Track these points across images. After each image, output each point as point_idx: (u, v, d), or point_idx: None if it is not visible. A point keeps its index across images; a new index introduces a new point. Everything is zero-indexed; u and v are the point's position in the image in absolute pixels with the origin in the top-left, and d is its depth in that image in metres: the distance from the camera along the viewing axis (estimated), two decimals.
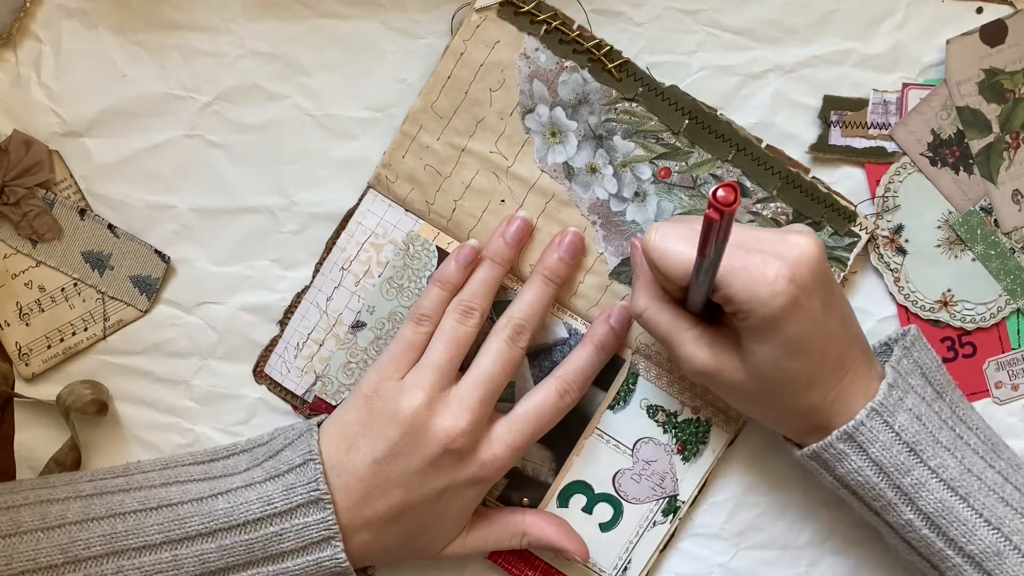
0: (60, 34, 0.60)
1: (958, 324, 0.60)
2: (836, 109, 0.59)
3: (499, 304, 0.59)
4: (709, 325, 0.54)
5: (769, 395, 0.53)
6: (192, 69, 0.60)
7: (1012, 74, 0.58)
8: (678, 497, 0.60)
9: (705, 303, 0.53)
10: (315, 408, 0.61)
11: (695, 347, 0.53)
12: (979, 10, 0.59)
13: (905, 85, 0.59)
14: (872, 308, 0.60)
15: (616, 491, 0.60)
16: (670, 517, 0.60)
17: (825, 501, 0.61)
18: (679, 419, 0.60)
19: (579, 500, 0.61)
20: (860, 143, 0.59)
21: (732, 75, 0.59)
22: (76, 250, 0.61)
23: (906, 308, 0.60)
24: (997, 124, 0.59)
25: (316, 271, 0.61)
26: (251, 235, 0.61)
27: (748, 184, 0.58)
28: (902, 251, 0.60)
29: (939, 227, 0.60)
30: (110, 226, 0.60)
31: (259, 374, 0.61)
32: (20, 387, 0.61)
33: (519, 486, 0.60)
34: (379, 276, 0.60)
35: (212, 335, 0.61)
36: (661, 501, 0.60)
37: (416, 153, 0.59)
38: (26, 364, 0.61)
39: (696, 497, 0.61)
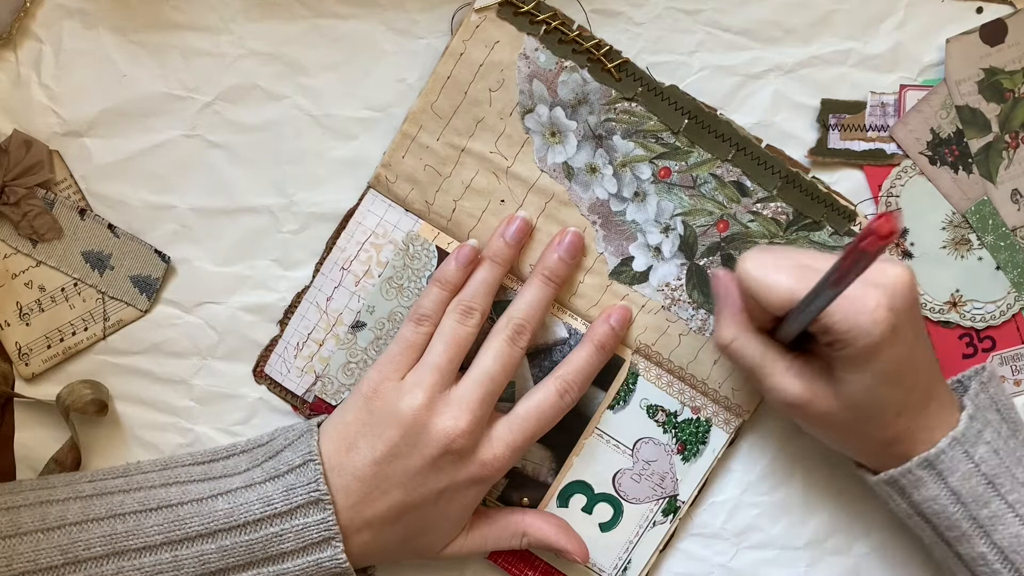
0: (60, 34, 0.60)
1: (968, 324, 0.60)
2: (834, 112, 0.59)
3: (499, 304, 0.59)
4: (797, 355, 0.54)
5: (857, 424, 0.53)
6: (192, 69, 0.60)
7: (1012, 73, 0.58)
8: (678, 497, 0.60)
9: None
10: (315, 408, 0.61)
11: (785, 378, 0.53)
12: (979, 10, 0.59)
13: (903, 87, 0.59)
14: None
15: (616, 491, 0.60)
16: (670, 517, 0.60)
17: (825, 501, 0.61)
18: (679, 419, 0.60)
19: (579, 500, 0.61)
20: (859, 146, 0.59)
21: (732, 75, 0.59)
22: (76, 250, 0.61)
23: None
24: (996, 123, 0.59)
25: (316, 271, 0.61)
26: (251, 235, 0.61)
27: (748, 184, 0.58)
28: (908, 254, 0.60)
29: (944, 228, 0.60)
30: (110, 226, 0.60)
31: (259, 374, 0.61)
32: (20, 387, 0.61)
33: (519, 486, 0.60)
34: (379, 276, 0.60)
35: (212, 335, 0.61)
36: (661, 501, 0.60)
37: (416, 153, 0.59)
38: (26, 364, 0.61)
39: (696, 497, 0.61)
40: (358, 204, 0.60)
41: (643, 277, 0.59)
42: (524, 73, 0.58)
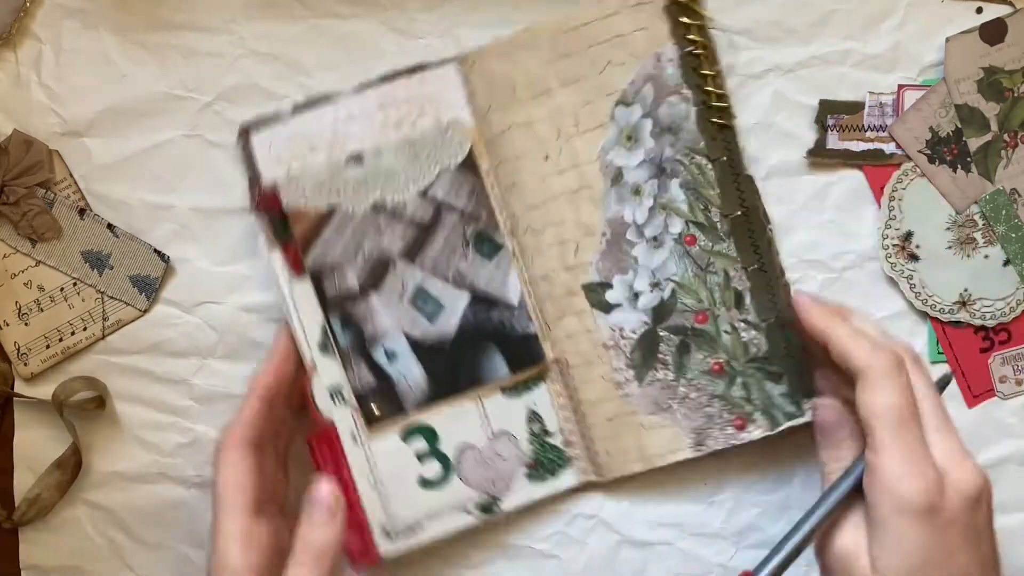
0: (60, 34, 0.60)
1: (979, 323, 0.60)
2: (832, 113, 0.59)
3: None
4: None
5: None
6: (192, 69, 0.60)
7: (1011, 73, 0.59)
8: (500, 503, 0.59)
9: None
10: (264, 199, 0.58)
11: None
12: (979, 10, 0.59)
13: (901, 87, 0.59)
14: (872, 308, 0.60)
15: (455, 460, 0.59)
16: (482, 515, 0.59)
17: None
18: (548, 440, 0.59)
19: (419, 445, 0.59)
20: (857, 146, 0.59)
21: (732, 75, 0.59)
22: (76, 250, 0.61)
23: (925, 313, 0.60)
24: (995, 123, 0.59)
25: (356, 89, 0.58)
26: (251, 235, 0.61)
27: (747, 301, 0.57)
28: (914, 257, 0.60)
29: (948, 228, 0.60)
30: (110, 226, 0.60)
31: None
32: (19, 387, 0.61)
33: (382, 395, 0.58)
34: (405, 133, 0.58)
35: (212, 335, 0.61)
36: (484, 496, 0.59)
37: (511, 60, 0.57)
38: (25, 364, 0.61)
39: (687, 498, 0.61)
40: (433, 65, 0.58)
41: (606, 307, 0.58)
42: (646, 71, 0.57)
